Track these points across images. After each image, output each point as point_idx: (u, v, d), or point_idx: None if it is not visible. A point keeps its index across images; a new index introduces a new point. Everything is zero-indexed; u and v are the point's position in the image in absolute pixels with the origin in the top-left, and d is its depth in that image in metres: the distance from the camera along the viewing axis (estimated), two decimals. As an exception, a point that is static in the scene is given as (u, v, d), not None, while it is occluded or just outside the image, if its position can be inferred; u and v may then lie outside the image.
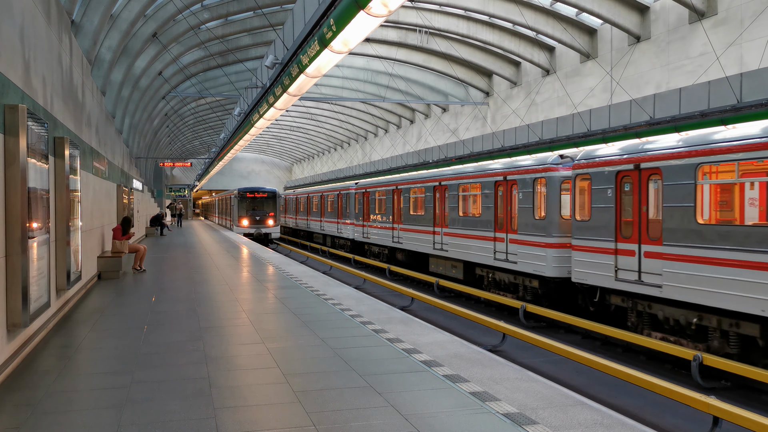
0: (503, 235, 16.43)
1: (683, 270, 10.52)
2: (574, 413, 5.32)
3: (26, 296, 6.71)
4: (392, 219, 24.74)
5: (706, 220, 10.49)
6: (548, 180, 14.82)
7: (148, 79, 26.01)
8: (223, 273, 16.23)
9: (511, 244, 16.02)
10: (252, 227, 37.78)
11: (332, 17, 12.22)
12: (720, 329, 10.11)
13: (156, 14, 20.41)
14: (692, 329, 10.68)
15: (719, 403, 6.74)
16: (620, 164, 12.25)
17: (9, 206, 6.43)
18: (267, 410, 5.47)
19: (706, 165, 10.36)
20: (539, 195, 15.11)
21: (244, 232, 37.49)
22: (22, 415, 5.37)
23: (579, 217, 13.46)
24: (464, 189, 18.81)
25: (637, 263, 11.71)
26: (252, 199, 38.57)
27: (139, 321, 9.62)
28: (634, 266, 11.75)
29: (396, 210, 24.46)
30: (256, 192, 39.03)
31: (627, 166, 12.03)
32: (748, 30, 17.79)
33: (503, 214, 16.53)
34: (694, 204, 10.38)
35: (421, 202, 22.00)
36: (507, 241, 16.23)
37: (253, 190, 39.29)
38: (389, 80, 35.44)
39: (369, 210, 27.71)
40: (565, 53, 26.24)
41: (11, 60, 6.76)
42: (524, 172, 15.67)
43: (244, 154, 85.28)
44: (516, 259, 15.71)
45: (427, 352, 7.43)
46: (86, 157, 12.96)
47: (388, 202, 25.13)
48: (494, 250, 16.82)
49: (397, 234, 24.24)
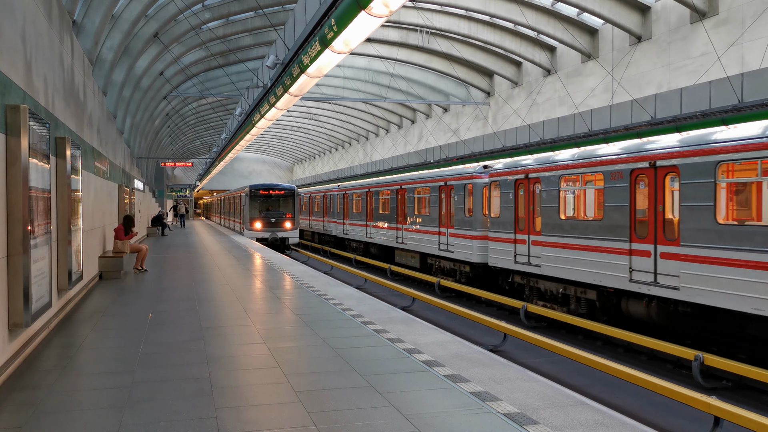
0: (445, 230, 20.18)
1: (553, 253, 14.17)
2: (575, 413, 5.32)
3: (28, 296, 6.71)
4: (366, 218, 28.61)
5: (567, 216, 14.01)
6: (474, 185, 18.53)
7: (149, 79, 26.03)
8: (225, 274, 16.24)
9: (450, 237, 19.76)
10: (266, 230, 32.34)
11: (333, 17, 12.23)
12: (576, 296, 13.72)
13: (157, 14, 20.43)
14: (560, 297, 14.28)
15: (720, 403, 6.74)
16: (516, 174, 15.80)
17: (10, 206, 6.44)
18: (268, 410, 5.48)
19: (565, 176, 13.95)
20: (468, 197, 18.77)
21: (257, 236, 32.17)
22: (24, 414, 5.38)
23: (492, 215, 17.04)
24: (418, 192, 22.50)
25: (527, 250, 15.24)
26: (266, 198, 33.17)
27: (141, 321, 9.63)
28: (525, 252, 15.32)
29: (369, 210, 28.29)
30: (271, 189, 33.49)
31: (520, 176, 15.63)
32: (749, 30, 17.78)
33: (445, 213, 20.24)
34: (558, 204, 14.08)
35: (387, 203, 25.82)
36: (447, 235, 19.98)
37: (268, 187, 33.64)
38: (390, 80, 35.45)
39: (348, 210, 31.78)
40: (566, 53, 26.23)
41: (13, 60, 6.77)
42: (459, 179, 19.37)
43: (246, 154, 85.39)
44: (453, 249, 19.47)
45: (428, 352, 7.44)
46: (88, 157, 12.97)
47: (362, 203, 29.16)
48: (438, 243, 20.57)
49: (369, 231, 28.16)
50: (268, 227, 32.45)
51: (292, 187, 33.94)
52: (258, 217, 32.77)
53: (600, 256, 12.70)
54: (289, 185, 34.17)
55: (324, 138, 62.56)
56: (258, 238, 31.88)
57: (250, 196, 33.06)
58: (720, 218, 10.09)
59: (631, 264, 11.88)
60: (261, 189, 33.40)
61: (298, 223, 33.72)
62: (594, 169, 13.07)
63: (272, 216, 32.68)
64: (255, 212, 32.91)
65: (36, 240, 7.23)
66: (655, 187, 11.49)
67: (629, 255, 11.93)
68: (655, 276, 11.38)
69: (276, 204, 33.15)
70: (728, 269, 9.84)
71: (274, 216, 32.68)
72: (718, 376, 9.74)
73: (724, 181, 10.27)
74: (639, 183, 12.03)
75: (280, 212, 32.89)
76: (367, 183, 29.18)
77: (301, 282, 14.31)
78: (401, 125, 45.21)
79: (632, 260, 11.87)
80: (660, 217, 11.42)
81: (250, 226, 32.72)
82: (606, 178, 12.65)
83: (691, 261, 10.54)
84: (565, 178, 13.99)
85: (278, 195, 33.33)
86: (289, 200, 33.23)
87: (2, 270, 6.31)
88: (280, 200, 33.26)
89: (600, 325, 12.00)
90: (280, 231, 32.40)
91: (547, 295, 14.82)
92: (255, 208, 32.96)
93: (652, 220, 11.55)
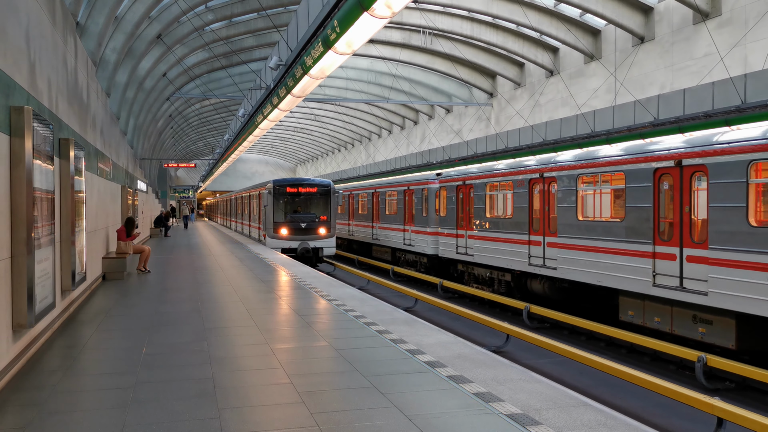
0: (408, 227, 23.83)
1: (482, 245, 17.80)
2: (577, 414, 5.32)
3: (32, 297, 6.74)
4: (348, 217, 32.47)
5: (492, 215, 17.77)
6: (428, 190, 22.34)
7: (152, 81, 26.08)
8: (228, 275, 16.26)
9: (412, 234, 23.44)
10: (294, 238, 25.30)
11: (336, 19, 12.23)
12: (498, 278, 17.36)
13: (160, 16, 20.47)
14: (488, 280, 17.90)
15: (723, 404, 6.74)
16: (457, 181, 19.45)
17: (14, 207, 6.46)
18: (271, 411, 5.49)
19: (489, 183, 17.71)
20: (424, 200, 22.42)
21: (282, 245, 25.28)
22: (28, 414, 5.40)
23: (441, 214, 20.73)
24: (389, 195, 26.32)
25: (465, 243, 18.88)
26: (294, 197, 26.26)
27: (144, 322, 9.65)
28: (464, 245, 18.93)
29: (350, 210, 31.93)
30: (300, 185, 26.49)
31: (460, 182, 19.29)
32: (752, 31, 17.75)
33: (407, 213, 23.97)
34: (484, 205, 17.86)
35: (365, 204, 29.35)
36: (410, 232, 23.60)
37: (296, 182, 26.78)
38: (393, 81, 35.45)
39: None
40: (569, 54, 26.22)
41: (17, 61, 6.79)
42: (417, 184, 23.25)
43: (248, 155, 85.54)
44: (414, 243, 23.18)
45: (430, 353, 7.44)
46: (91, 158, 13.01)
47: (346, 205, 32.99)
48: (403, 238, 24.20)
49: (351, 229, 31.76)
50: (296, 234, 25.35)
51: (327, 182, 26.81)
52: (284, 221, 25.69)
53: (512, 246, 16.22)
54: (323, 180, 27.05)
55: (326, 139, 62.59)
56: (283, 249, 25.01)
57: (274, 195, 25.96)
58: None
59: (529, 251, 15.56)
60: (288, 185, 26.36)
61: (334, 228, 26.34)
62: (508, 179, 16.65)
63: (302, 220, 25.58)
64: (280, 215, 25.89)
65: (40, 241, 7.25)
66: (544, 191, 15.66)
67: (528, 245, 15.66)
68: (543, 261, 14.96)
69: (306, 204, 26.32)
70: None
71: (305, 220, 25.59)
72: (722, 377, 9.72)
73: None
74: (534, 189, 15.61)
75: (312, 215, 25.90)
76: (350, 186, 33.22)
77: (303, 282, 14.32)
78: (404, 126, 45.22)
79: (530, 249, 15.56)
80: (546, 216, 15.10)
81: (274, 232, 25.62)
82: (515, 185, 16.25)
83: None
84: (490, 185, 17.68)
85: (309, 193, 26.33)
86: (323, 199, 26.28)
87: (6, 271, 6.33)
88: (311, 199, 26.38)
89: (603, 326, 11.99)
90: (312, 239, 25.34)
91: (480, 279, 18.40)
92: (280, 209, 25.96)
93: (542, 215, 15.21)
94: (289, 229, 25.43)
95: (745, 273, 9.62)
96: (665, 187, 11.45)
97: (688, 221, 10.88)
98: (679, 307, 11.00)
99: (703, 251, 10.36)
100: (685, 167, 10.98)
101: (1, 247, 6.11)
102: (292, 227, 25.45)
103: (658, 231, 11.49)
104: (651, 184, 11.62)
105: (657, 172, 11.54)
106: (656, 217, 11.51)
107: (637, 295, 11.98)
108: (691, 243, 10.80)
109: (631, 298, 12.21)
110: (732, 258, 9.87)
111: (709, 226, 10.33)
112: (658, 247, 11.42)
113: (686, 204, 10.93)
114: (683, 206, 10.97)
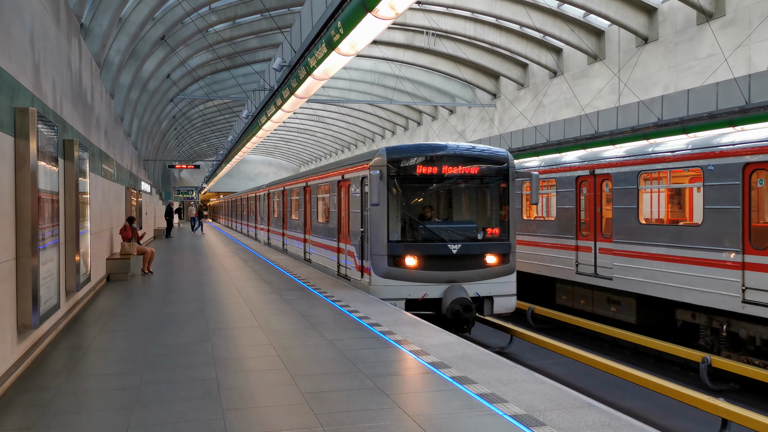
0: None
1: None
2: (581, 415, 5.32)
3: (36, 298, 6.75)
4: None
5: None
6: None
7: (156, 82, 26.14)
8: (231, 275, 16.28)
9: None
10: (433, 275, 11.69)
11: (340, 20, 12.25)
12: None
13: (164, 17, 20.51)
14: None
15: (728, 405, 6.73)
16: None
17: (19, 208, 6.48)
18: (275, 411, 5.50)
19: None
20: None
21: (406, 293, 11.68)
22: (33, 415, 5.41)
23: None
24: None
25: None
26: (437, 182, 12.56)
27: (148, 323, 9.67)
28: None
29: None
30: (449, 159, 12.09)
31: None
32: (756, 31, 17.72)
33: None
34: None
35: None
36: None
37: (441, 153, 12.14)
38: (396, 82, 35.45)
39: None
40: (573, 55, 26.18)
41: (21, 63, 6.82)
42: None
43: (252, 156, 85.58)
44: None
45: (434, 354, 7.44)
46: (95, 159, 13.04)
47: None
48: None
49: None
50: (437, 269, 11.78)
51: (503, 154, 12.61)
52: (414, 240, 12.20)
53: None
54: (495, 149, 12.94)
55: (330, 140, 62.61)
56: (408, 299, 11.72)
57: (388, 178, 11.96)
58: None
59: None
60: (421, 158, 12.09)
61: (514, 251, 12.38)
62: None
63: (452, 232, 12.17)
64: (397, 225, 12.38)
65: (44, 242, 7.27)
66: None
67: None
68: None
69: (459, 199, 13.62)
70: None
71: (458, 233, 12.21)
72: (726, 378, 9.70)
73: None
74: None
75: (470, 226, 12.58)
76: None
77: (307, 283, 14.31)
78: (407, 127, 45.22)
79: None
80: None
81: (395, 264, 11.83)
82: None
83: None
84: None
85: (470, 175, 12.41)
86: (493, 188, 12.76)
87: (11, 272, 6.35)
88: (469, 190, 13.48)
89: (607, 327, 11.98)
90: (472, 274, 11.88)
91: None
92: (396, 213, 12.35)
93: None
94: (419, 260, 11.84)
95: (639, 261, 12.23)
96: (584, 193, 14.49)
97: (600, 219, 13.78)
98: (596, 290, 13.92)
99: (609, 244, 13.25)
100: (597, 175, 13.85)
101: (5, 248, 6.13)
102: (427, 255, 11.88)
103: (579, 229, 14.58)
104: (574, 189, 14.60)
105: (578, 179, 14.45)
106: (578, 216, 14.59)
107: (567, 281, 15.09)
108: (602, 237, 13.66)
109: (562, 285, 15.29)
110: (629, 249, 12.64)
111: (613, 223, 13.15)
112: (579, 242, 14.56)
113: (598, 205, 13.81)
114: (596, 207, 13.87)
